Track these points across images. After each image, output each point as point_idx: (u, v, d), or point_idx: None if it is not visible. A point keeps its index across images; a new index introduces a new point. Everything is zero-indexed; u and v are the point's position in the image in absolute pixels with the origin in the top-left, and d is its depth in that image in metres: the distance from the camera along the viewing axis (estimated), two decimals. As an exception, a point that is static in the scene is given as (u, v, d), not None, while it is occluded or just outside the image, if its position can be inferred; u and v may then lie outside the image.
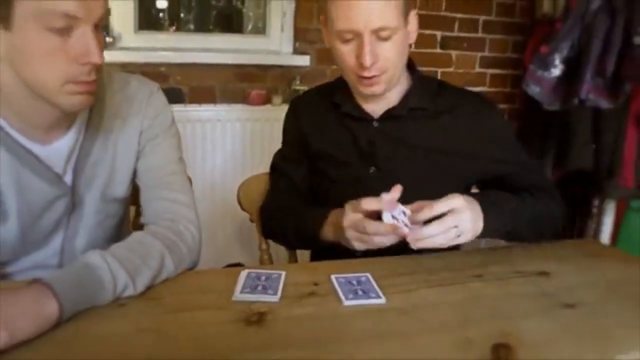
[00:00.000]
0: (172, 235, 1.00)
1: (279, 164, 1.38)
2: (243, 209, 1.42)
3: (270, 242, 1.40)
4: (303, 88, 2.38)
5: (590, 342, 0.82)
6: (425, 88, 1.23)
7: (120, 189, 1.10)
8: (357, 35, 1.07)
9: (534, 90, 2.21)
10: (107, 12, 0.87)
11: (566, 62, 2.19)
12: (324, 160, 1.28)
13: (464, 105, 1.23)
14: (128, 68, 2.12)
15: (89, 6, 0.83)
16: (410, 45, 1.18)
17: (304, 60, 2.41)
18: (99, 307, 0.84)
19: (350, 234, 1.03)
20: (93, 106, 0.99)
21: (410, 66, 1.25)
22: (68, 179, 1.02)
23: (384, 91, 1.16)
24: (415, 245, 0.97)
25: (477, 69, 2.72)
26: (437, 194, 0.98)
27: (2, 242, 1.02)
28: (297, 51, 2.46)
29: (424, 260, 1.07)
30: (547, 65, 2.19)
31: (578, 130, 2.28)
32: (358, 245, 1.04)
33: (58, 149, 0.99)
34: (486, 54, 2.71)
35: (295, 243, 1.34)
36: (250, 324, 0.82)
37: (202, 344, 0.77)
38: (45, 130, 0.96)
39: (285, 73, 2.44)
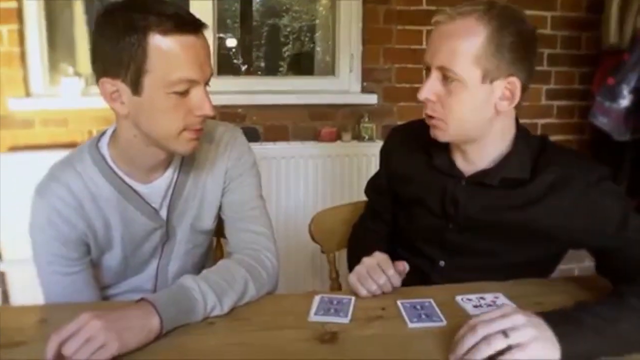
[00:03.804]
0: (254, 263, 1.10)
1: (368, 192, 1.43)
2: (314, 240, 1.50)
3: (340, 271, 1.48)
4: (371, 125, 2.47)
5: None
6: (526, 154, 1.10)
7: (208, 222, 1.22)
8: (428, 68, 1.05)
9: (601, 121, 2.19)
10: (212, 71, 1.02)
11: (635, 92, 2.17)
12: (408, 205, 1.27)
13: (571, 182, 1.06)
14: None
15: (203, 70, 0.98)
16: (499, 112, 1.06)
17: (371, 99, 2.50)
18: (192, 326, 0.96)
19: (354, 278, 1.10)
20: (194, 151, 1.10)
21: (517, 127, 1.13)
22: (164, 213, 1.16)
23: (450, 141, 1.11)
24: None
25: (543, 102, 2.70)
26: (512, 267, 0.95)
27: (107, 268, 1.17)
28: (364, 90, 2.55)
29: (485, 286, 1.11)
30: (614, 96, 2.17)
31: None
32: (354, 282, 1.09)
33: (157, 187, 1.13)
34: (552, 86, 2.69)
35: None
36: (324, 342, 0.92)
37: (282, 358, 0.87)
38: (148, 172, 1.11)
39: (354, 111, 2.52)
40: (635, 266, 0.99)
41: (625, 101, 2.17)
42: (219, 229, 1.29)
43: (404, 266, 1.10)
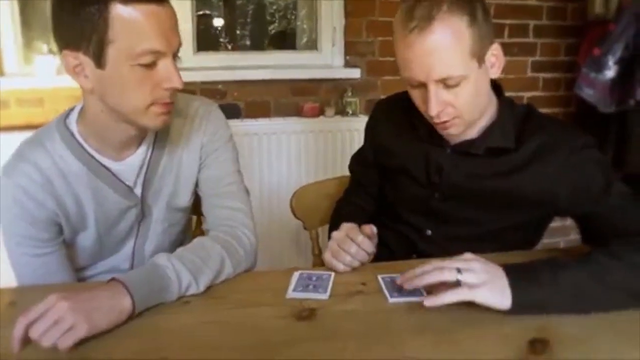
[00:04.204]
0: (230, 240, 1.08)
1: (354, 168, 1.43)
2: (296, 217, 1.48)
3: (323, 247, 1.46)
4: (354, 100, 2.44)
5: (630, 339, 0.83)
6: (511, 123, 1.11)
7: (184, 199, 1.19)
8: (422, 84, 1.01)
9: (587, 93, 2.18)
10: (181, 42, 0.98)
11: (620, 63, 2.15)
12: (394, 176, 1.26)
13: (556, 149, 1.06)
14: (189, 87, 2.20)
15: (170, 41, 0.94)
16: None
17: (354, 73, 2.46)
18: (167, 305, 0.94)
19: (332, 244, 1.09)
20: (165, 126, 1.08)
21: (498, 92, 1.14)
22: (138, 191, 1.12)
23: (462, 131, 1.09)
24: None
25: (529, 74, 2.68)
26: (498, 235, 0.95)
27: (82, 248, 1.14)
28: (348, 64, 2.51)
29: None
30: (600, 67, 2.16)
31: (636, 132, 2.22)
32: (329, 258, 1.09)
33: (130, 165, 1.09)
34: (537, 58, 2.68)
35: None
36: (302, 318, 0.90)
37: (259, 336, 0.85)
38: (119, 148, 1.07)
39: (337, 86, 2.49)
40: (616, 231, 1.00)
41: (610, 72, 2.16)
42: (199, 207, 1.26)
43: (370, 229, 1.10)
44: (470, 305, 0.89)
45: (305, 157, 2.42)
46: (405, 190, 1.24)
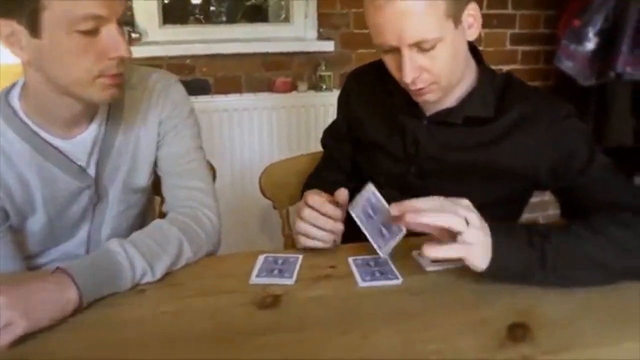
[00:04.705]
0: (190, 222, 1.01)
1: (327, 142, 1.36)
2: (265, 196, 1.42)
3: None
4: (328, 74, 2.38)
5: (612, 323, 0.78)
6: (490, 91, 1.06)
7: (142, 178, 1.12)
8: (396, 49, 0.95)
9: (567, 65, 2.14)
10: (127, 8, 0.89)
11: (600, 34, 2.11)
12: (368, 149, 1.21)
13: (538, 119, 1.02)
14: (155, 62, 2.16)
15: (112, 5, 0.85)
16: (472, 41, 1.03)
17: (328, 46, 2.39)
18: (121, 295, 0.87)
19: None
20: (113, 100, 1.01)
21: (478, 58, 1.09)
22: (92, 171, 1.05)
23: (439, 98, 1.03)
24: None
25: (508, 47, 2.63)
26: (477, 211, 0.87)
27: (31, 233, 1.07)
28: (321, 37, 2.44)
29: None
30: (580, 39, 2.11)
31: (616, 105, 2.19)
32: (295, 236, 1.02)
33: (81, 143, 1.02)
34: (517, 30, 2.62)
35: None
36: (265, 306, 0.83)
37: (218, 326, 0.79)
38: (67, 125, 0.99)
39: (311, 59, 2.42)
40: (597, 204, 0.97)
41: (590, 44, 2.11)
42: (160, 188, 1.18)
43: (344, 195, 1.00)
44: (447, 289, 0.85)
45: (278, 134, 2.37)
46: (380, 164, 1.18)
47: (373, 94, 1.19)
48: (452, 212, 0.81)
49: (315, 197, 0.99)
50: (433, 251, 0.80)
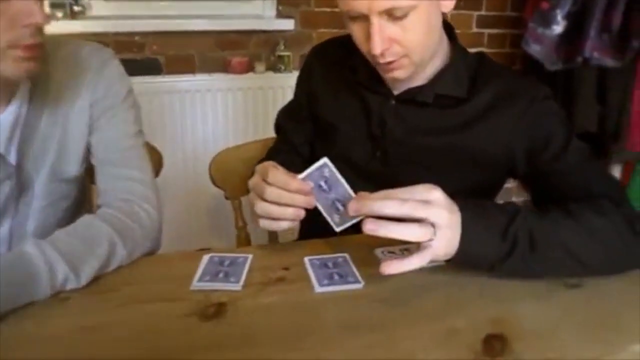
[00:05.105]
0: (124, 218, 0.89)
1: (282, 124, 1.25)
2: (216, 185, 1.31)
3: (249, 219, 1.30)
4: (287, 54, 2.29)
5: (597, 331, 0.71)
6: (463, 70, 1.00)
7: (72, 167, 1.00)
8: (364, 16, 0.88)
9: (534, 49, 2.08)
10: None
11: (569, 17, 2.06)
12: (329, 130, 1.11)
13: (514, 100, 0.96)
14: (100, 39, 2.02)
15: None
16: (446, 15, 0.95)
17: (288, 24, 2.29)
18: (40, 305, 0.74)
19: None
20: (37, 77, 0.90)
21: (451, 35, 1.02)
22: (12, 158, 0.92)
23: (410, 75, 0.95)
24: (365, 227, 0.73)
25: (474, 29, 2.58)
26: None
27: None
28: (280, 15, 2.33)
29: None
30: (548, 22, 2.06)
31: (582, 91, 2.16)
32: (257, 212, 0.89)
33: (-3, 126, 0.89)
34: (483, 12, 2.56)
35: None
36: (207, 317, 0.72)
37: (149, 344, 0.67)
38: None
39: (269, 38, 2.32)
40: (573, 191, 0.90)
41: (558, 27, 2.06)
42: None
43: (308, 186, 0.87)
44: (413, 294, 0.76)
45: (233, 117, 2.26)
46: (342, 149, 1.08)
47: (336, 71, 1.11)
48: (418, 213, 0.70)
49: (277, 174, 0.85)
50: (393, 269, 0.71)
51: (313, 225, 0.87)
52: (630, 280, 0.82)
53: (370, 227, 0.70)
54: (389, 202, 0.70)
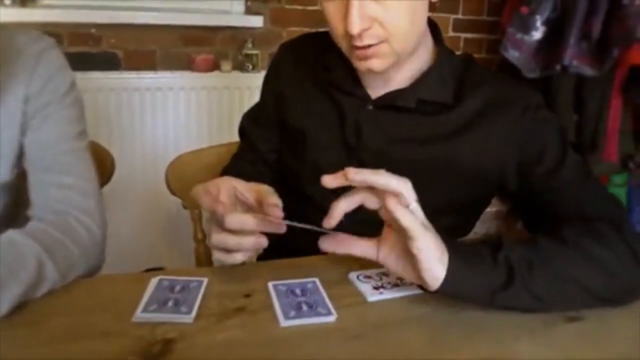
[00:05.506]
0: (56, 233, 0.77)
1: (247, 128, 1.13)
2: (172, 192, 1.20)
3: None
4: (255, 52, 2.21)
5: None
6: (448, 72, 0.92)
7: (2, 172, 0.87)
8: None
9: (512, 55, 2.03)
10: None
11: (548, 23, 2.01)
12: (297, 137, 1.01)
13: (506, 107, 0.88)
14: (51, 30, 1.89)
15: None
16: (433, 5, 0.87)
17: (256, 21, 2.21)
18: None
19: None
20: None
21: (435, 35, 0.94)
22: None
23: (386, 68, 0.86)
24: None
25: (450, 33, 2.52)
26: (431, 218, 0.70)
27: None
28: (249, 11, 2.26)
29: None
30: (527, 27, 2.01)
31: (559, 100, 2.12)
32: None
33: None
34: (460, 16, 2.52)
35: None
36: (150, 358, 0.60)
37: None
38: None
39: (236, 35, 2.23)
40: (569, 212, 0.82)
41: (537, 33, 2.02)
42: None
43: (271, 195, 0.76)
44: (393, 328, 0.66)
45: (197, 118, 2.16)
46: (312, 158, 0.98)
47: (307, 70, 1.01)
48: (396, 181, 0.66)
49: (235, 218, 0.72)
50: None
51: (277, 240, 0.76)
52: (631, 313, 0.73)
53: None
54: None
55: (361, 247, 0.72)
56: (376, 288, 0.75)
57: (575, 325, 0.70)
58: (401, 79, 0.91)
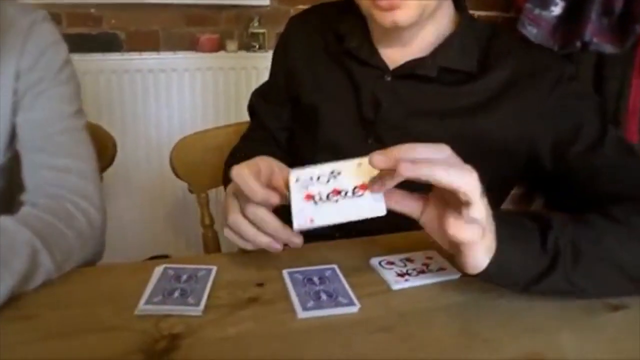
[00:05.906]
0: (51, 219, 0.71)
1: (256, 106, 1.08)
2: (178, 176, 1.15)
3: (216, 215, 1.14)
4: (261, 32, 2.16)
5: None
6: (472, 40, 0.86)
7: (-7, 153, 0.82)
8: None
9: (530, 32, 1.95)
10: None
11: (568, -1, 1.93)
12: (310, 114, 0.96)
13: (537, 77, 0.83)
14: (50, 9, 1.77)
15: None
16: None
17: (262, -1, 2.11)
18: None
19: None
20: None
21: (458, 3, 0.89)
22: None
23: (411, 23, 0.80)
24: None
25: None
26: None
27: None
28: (254, -13, 2.18)
29: (415, 239, 0.77)
30: (546, 2, 1.94)
31: (579, 77, 2.03)
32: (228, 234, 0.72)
33: None
34: (473, -7, 2.43)
35: None
36: (157, 354, 0.54)
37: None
38: None
39: (241, 14, 2.17)
40: (609, 192, 0.75)
41: (557, 8, 1.94)
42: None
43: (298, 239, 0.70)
44: (422, 319, 0.60)
45: (202, 100, 2.11)
46: (326, 135, 0.93)
47: (318, 41, 0.96)
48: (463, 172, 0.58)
49: (257, 212, 0.67)
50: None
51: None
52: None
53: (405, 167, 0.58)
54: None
55: (407, 204, 0.64)
56: (401, 275, 0.69)
57: (620, 315, 0.64)
58: (420, 45, 0.86)
